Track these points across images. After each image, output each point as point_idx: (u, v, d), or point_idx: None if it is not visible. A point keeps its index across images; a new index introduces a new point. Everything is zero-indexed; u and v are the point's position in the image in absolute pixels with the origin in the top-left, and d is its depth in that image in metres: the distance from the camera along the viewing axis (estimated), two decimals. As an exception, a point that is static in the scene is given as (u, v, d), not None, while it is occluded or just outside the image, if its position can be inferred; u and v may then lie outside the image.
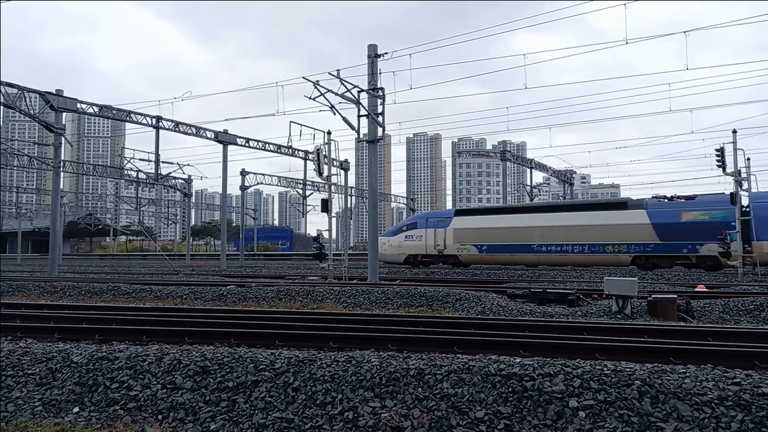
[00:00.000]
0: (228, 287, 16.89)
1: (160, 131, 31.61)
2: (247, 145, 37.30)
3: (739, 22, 20.56)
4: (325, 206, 22.64)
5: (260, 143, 38.39)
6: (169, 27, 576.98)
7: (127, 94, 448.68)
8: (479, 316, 11.75)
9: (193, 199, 62.38)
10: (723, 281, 19.73)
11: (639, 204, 26.38)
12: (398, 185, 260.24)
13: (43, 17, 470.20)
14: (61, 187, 38.53)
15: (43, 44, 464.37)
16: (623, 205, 27.21)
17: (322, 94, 20.91)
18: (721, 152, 21.37)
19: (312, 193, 49.66)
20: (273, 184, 47.04)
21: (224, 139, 35.39)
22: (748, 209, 22.35)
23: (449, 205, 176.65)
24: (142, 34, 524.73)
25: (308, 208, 50.47)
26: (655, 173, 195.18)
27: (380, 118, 20.91)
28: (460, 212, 32.70)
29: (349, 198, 51.38)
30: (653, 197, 27.23)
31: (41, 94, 26.31)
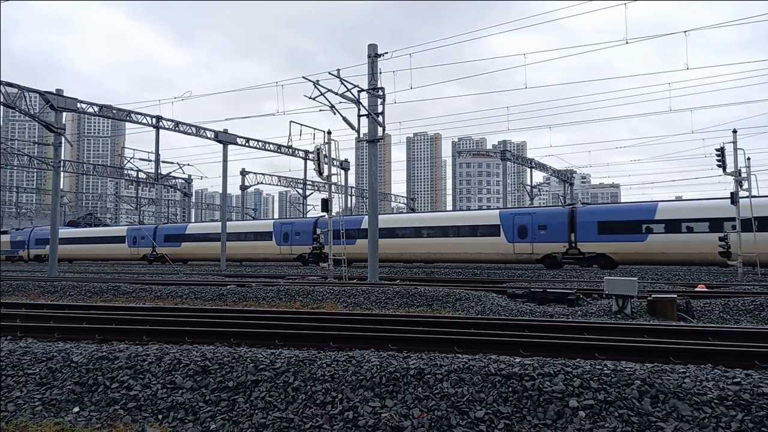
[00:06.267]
0: (228, 287, 16.89)
1: (160, 131, 31.65)
2: (247, 144, 37.27)
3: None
4: (325, 206, 22.64)
5: (260, 143, 38.35)
6: (144, 27, 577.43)
7: (108, 93, 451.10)
8: (479, 316, 11.74)
9: (193, 199, 62.35)
10: (723, 281, 19.73)
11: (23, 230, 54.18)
12: (398, 185, 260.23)
13: (15, 14, 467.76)
14: (61, 186, 38.60)
15: (18, 42, 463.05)
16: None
17: (322, 94, 20.90)
18: (721, 152, 21.33)
19: (312, 193, 49.67)
20: (273, 184, 46.97)
21: (224, 138, 35.37)
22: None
23: (449, 206, 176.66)
24: (116, 35, 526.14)
25: (308, 207, 50.37)
26: (654, 173, 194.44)
27: (380, 118, 20.88)
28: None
29: (349, 198, 51.40)
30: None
31: (41, 93, 26.31)
